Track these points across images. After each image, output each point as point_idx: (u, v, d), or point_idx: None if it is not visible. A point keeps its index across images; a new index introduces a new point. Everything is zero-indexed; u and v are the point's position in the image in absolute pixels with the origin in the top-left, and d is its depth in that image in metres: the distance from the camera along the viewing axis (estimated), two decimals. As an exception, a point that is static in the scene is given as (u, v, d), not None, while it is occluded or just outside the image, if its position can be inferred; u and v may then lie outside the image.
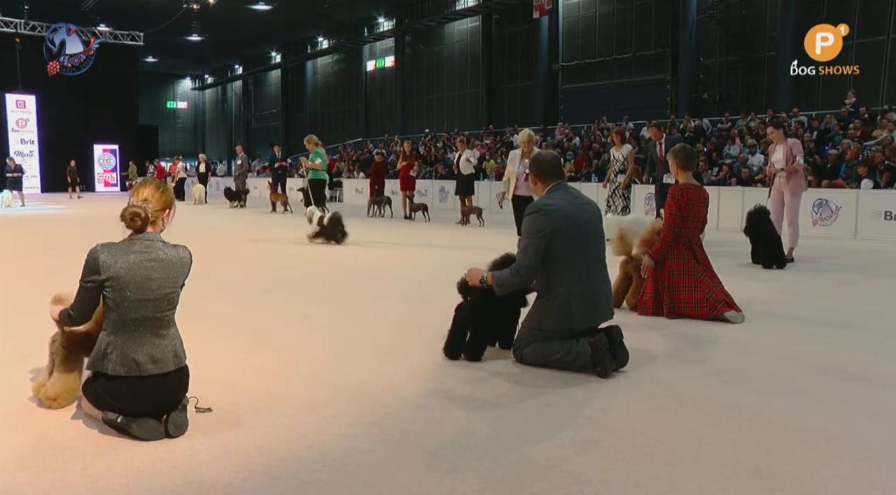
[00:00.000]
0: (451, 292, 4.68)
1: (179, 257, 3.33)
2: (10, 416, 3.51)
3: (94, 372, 3.30)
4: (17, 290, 7.23)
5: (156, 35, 34.06)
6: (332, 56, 42.52)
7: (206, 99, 57.27)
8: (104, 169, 33.47)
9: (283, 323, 5.68)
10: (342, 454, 3.06)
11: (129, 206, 3.25)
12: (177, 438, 3.20)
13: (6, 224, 16.36)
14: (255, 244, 11.54)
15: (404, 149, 17.64)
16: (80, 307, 3.33)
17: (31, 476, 2.87)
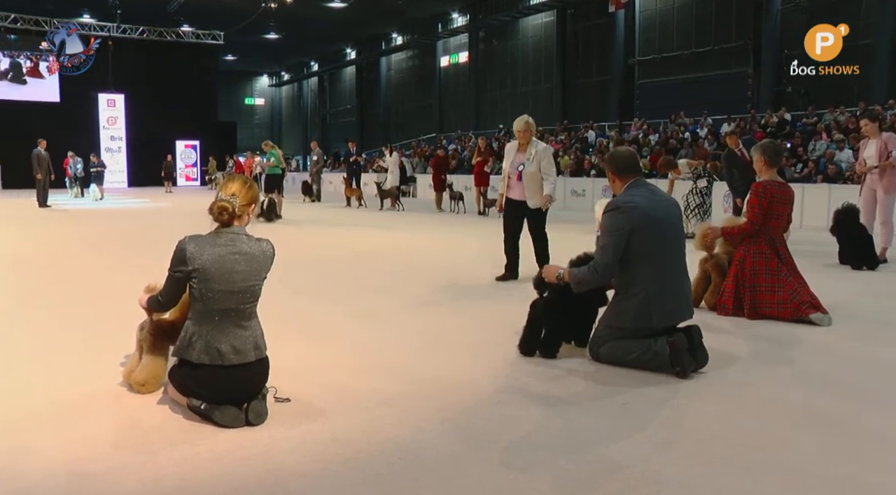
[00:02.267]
0: (526, 289, 4.66)
1: (263, 250, 3.43)
2: (103, 399, 3.68)
3: (179, 360, 3.43)
4: (108, 279, 7.56)
5: (235, 34, 35.01)
6: (405, 52, 42.81)
7: (283, 95, 58.50)
8: (186, 164, 34.63)
9: (357, 316, 5.76)
10: (417, 447, 3.08)
11: (217, 201, 3.36)
12: (256, 426, 3.29)
13: (98, 216, 17.08)
14: (326, 237, 11.73)
15: (479, 145, 17.65)
16: (168, 294, 3.47)
17: (123, 456, 3.00)
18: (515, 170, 7.18)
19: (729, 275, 5.67)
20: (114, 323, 5.16)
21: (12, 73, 31.13)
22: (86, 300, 6.47)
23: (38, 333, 5.18)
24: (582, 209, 17.40)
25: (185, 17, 33.53)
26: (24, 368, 4.26)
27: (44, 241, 11.68)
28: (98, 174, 23.90)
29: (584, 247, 4.80)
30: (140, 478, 2.79)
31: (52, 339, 4.98)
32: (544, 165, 7.08)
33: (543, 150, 7.18)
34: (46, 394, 3.75)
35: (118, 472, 2.84)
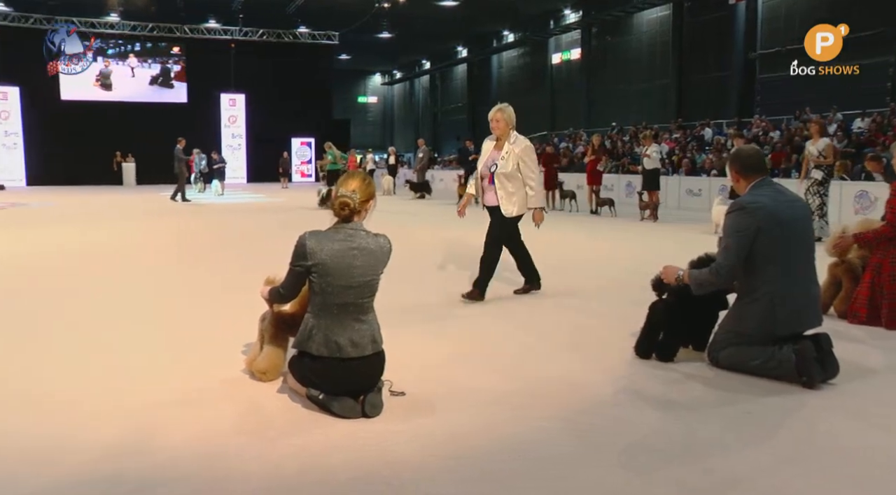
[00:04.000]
0: (640, 290, 4.54)
1: (380, 246, 3.49)
2: (226, 385, 3.86)
3: (299, 351, 3.54)
4: (231, 271, 7.91)
5: (349, 34, 35.91)
6: (517, 50, 42.65)
7: (395, 93, 59.55)
8: (301, 161, 35.82)
9: (472, 311, 5.78)
10: (533, 446, 3.06)
11: (338, 196, 3.45)
12: (372, 418, 3.36)
13: (222, 210, 17.93)
14: (436, 232, 11.82)
15: (592, 142, 17.35)
16: (289, 287, 3.59)
17: (244, 440, 3.13)
18: (488, 170, 6.12)
19: (864, 281, 5.31)
20: (236, 313, 5.39)
21: (162, 77, 33.46)
22: (213, 290, 6.79)
23: (171, 321, 5.48)
24: (698, 209, 16.85)
25: (302, 19, 34.70)
26: (157, 353, 4.52)
27: (180, 233, 12.35)
28: (220, 170, 25.09)
29: (700, 248, 4.63)
30: (261, 462, 2.91)
31: (183, 327, 5.26)
32: (524, 167, 6.02)
33: (523, 149, 6.04)
34: (177, 379, 3.97)
35: (241, 456, 2.97)
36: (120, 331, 5.13)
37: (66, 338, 4.91)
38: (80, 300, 6.32)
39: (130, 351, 4.59)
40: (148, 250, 9.96)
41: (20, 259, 9.02)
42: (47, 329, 5.20)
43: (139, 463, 2.90)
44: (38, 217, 16.02)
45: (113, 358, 4.42)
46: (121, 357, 4.44)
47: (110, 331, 5.14)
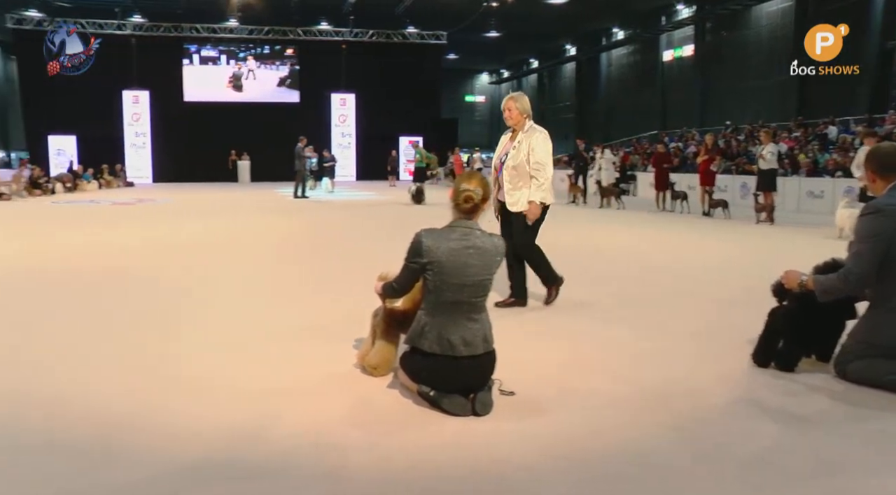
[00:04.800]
0: (761, 296, 4.35)
1: (495, 245, 3.50)
2: (339, 379, 3.95)
3: (411, 347, 3.59)
4: (343, 266, 8.12)
5: (457, 33, 36.17)
6: (626, 47, 41.76)
7: (502, 92, 59.46)
8: (408, 159, 36.27)
9: (582, 313, 5.70)
10: (646, 453, 2.98)
11: (462, 191, 3.48)
12: (482, 417, 3.36)
13: (331, 207, 18.44)
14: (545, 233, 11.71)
15: (706, 142, 16.77)
16: (402, 282, 3.64)
17: (356, 433, 3.20)
18: (500, 162, 5.71)
19: None
20: (348, 307, 5.54)
21: (290, 79, 34.98)
22: (326, 284, 6.99)
23: (284, 313, 5.67)
24: (819, 212, 16.01)
25: (411, 20, 35.24)
26: (272, 345, 4.69)
27: (294, 228, 12.80)
28: (330, 168, 25.82)
29: (820, 253, 4.39)
30: (372, 455, 2.96)
31: (296, 319, 5.43)
32: (532, 156, 5.50)
33: (534, 138, 5.53)
34: (290, 371, 4.10)
35: (353, 447, 3.03)
36: (235, 321, 5.36)
37: (190, 328, 5.17)
38: (202, 291, 6.63)
39: (247, 342, 4.77)
40: (264, 244, 10.37)
41: (149, 251, 9.56)
42: (174, 318, 5.49)
43: (254, 450, 3.01)
44: (162, 212, 16.96)
45: (230, 348, 4.61)
46: (238, 348, 4.62)
47: (227, 320, 5.37)
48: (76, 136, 32.77)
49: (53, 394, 3.69)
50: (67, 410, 3.45)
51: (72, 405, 3.52)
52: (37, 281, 7.23)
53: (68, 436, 3.14)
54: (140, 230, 12.48)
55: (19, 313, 5.73)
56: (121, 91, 32.93)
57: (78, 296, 6.45)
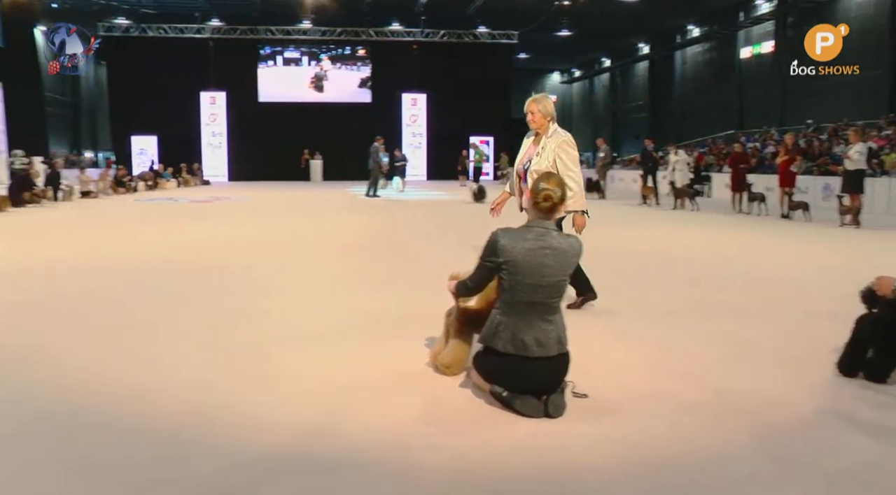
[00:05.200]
0: (845, 303, 4.16)
1: (571, 245, 3.46)
2: (411, 377, 3.97)
3: (485, 347, 3.57)
4: (419, 266, 8.17)
5: (528, 33, 35.98)
6: (702, 45, 40.67)
7: (574, 92, 58.88)
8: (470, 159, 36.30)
9: (655, 316, 5.59)
10: (726, 462, 2.89)
11: (542, 190, 3.44)
12: (555, 419, 3.32)
13: (402, 206, 18.57)
14: (613, 233, 11.54)
15: (785, 141, 16.20)
16: (476, 281, 3.62)
17: (429, 431, 3.21)
18: (523, 168, 5.47)
19: None
20: (420, 305, 5.59)
21: (372, 80, 35.54)
22: (397, 282, 7.04)
23: (355, 310, 5.73)
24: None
25: (482, 19, 35.23)
26: (346, 342, 4.75)
27: (366, 226, 12.96)
28: (401, 168, 26.05)
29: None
30: (445, 454, 2.96)
31: (368, 317, 5.48)
32: (560, 163, 5.24)
33: (560, 143, 5.28)
34: (364, 368, 4.14)
35: (425, 446, 3.04)
36: (310, 317, 5.45)
37: (266, 323, 5.28)
38: (277, 287, 6.77)
39: (321, 337, 4.85)
40: (336, 241, 10.52)
41: (225, 248, 9.82)
42: (250, 313, 5.62)
43: (328, 444, 3.05)
44: (237, 210, 17.41)
45: (305, 343, 4.69)
46: (312, 343, 4.70)
47: (301, 315, 5.47)
48: (157, 137, 34.03)
49: (141, 384, 3.83)
50: (154, 399, 3.58)
51: (157, 395, 3.65)
52: (122, 275, 7.50)
53: (156, 425, 3.26)
54: (216, 227, 12.85)
55: (106, 305, 5.96)
56: (198, 92, 34.05)
57: (158, 290, 6.67)
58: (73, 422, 3.29)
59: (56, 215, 15.70)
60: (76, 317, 5.51)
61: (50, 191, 19.24)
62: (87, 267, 8.06)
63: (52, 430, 3.20)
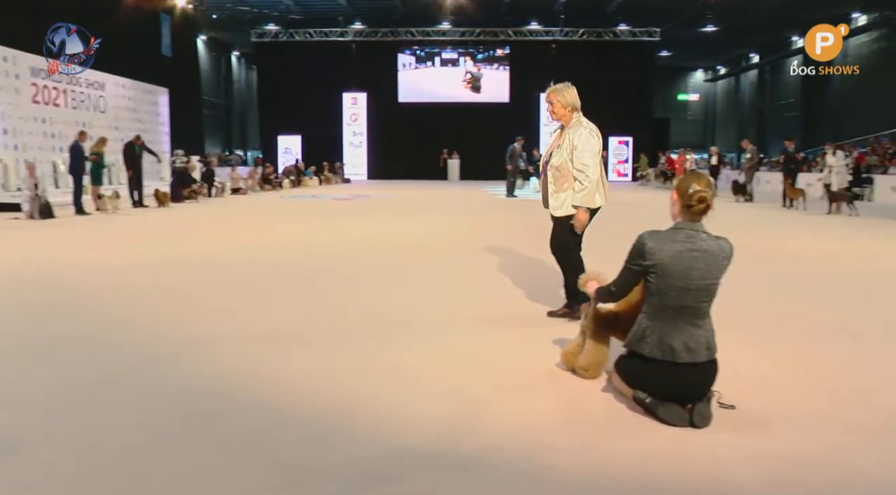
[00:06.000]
0: None
1: (721, 248, 3.29)
2: (545, 377, 3.94)
3: (629, 351, 3.47)
4: (549, 265, 8.08)
5: (670, 29, 34.79)
6: (868, 34, 37.80)
7: (718, 90, 56.33)
8: (617, 160, 35.53)
9: (802, 325, 5.25)
10: (889, 490, 2.65)
11: (695, 192, 3.29)
12: (700, 429, 3.18)
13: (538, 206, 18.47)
14: (761, 239, 10.92)
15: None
16: (621, 285, 3.52)
17: (566, 434, 3.16)
18: (544, 162, 5.24)
19: None
20: (548, 305, 5.51)
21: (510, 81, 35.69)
22: (527, 281, 6.99)
23: (490, 309, 5.75)
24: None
25: (623, 17, 34.41)
26: (479, 340, 4.78)
27: (503, 225, 12.98)
28: (537, 167, 25.93)
29: None
30: (585, 458, 2.90)
31: (499, 315, 5.48)
32: (577, 157, 4.94)
33: (580, 135, 4.98)
34: (499, 365, 4.15)
35: (564, 448, 2.99)
36: (444, 315, 5.51)
37: (404, 320, 5.39)
38: (413, 285, 6.89)
39: (456, 335, 4.89)
40: (471, 239, 10.58)
41: (366, 245, 10.11)
42: (387, 309, 5.76)
43: (467, 442, 3.06)
44: (376, 207, 17.91)
45: (440, 342, 4.75)
46: (447, 342, 4.75)
47: (436, 313, 5.54)
48: (301, 136, 35.65)
49: (284, 372, 4.01)
50: (298, 388, 3.73)
51: (301, 383, 3.81)
52: (265, 269, 7.89)
53: (300, 412, 3.39)
54: (357, 224, 13.26)
55: (252, 296, 6.29)
56: (341, 93, 35.39)
57: (301, 285, 6.96)
58: (222, 405, 3.48)
59: (211, 210, 16.76)
60: (229, 306, 5.86)
61: (205, 188, 20.57)
62: (240, 259, 8.56)
63: (203, 411, 3.40)
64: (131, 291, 6.49)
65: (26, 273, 7.49)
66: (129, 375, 4.01)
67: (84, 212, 14.55)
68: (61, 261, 8.30)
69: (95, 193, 15.29)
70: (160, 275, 7.39)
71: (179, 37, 30.17)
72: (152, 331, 4.98)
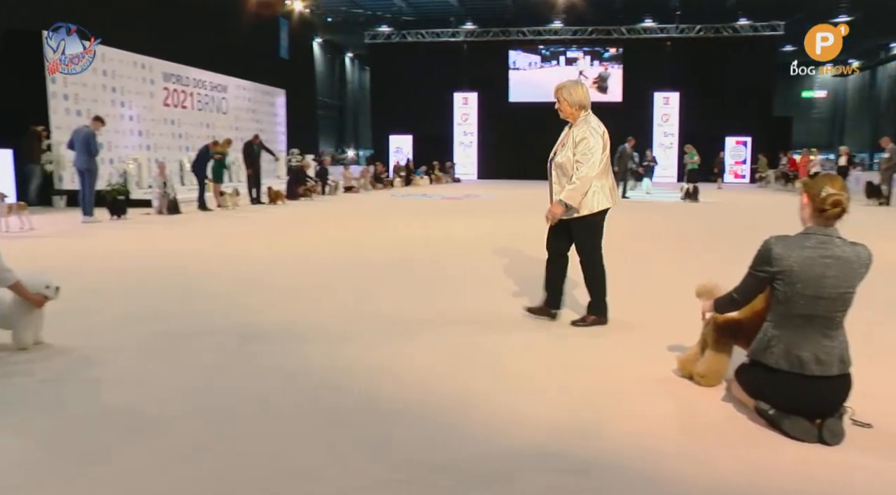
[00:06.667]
0: None
1: (858, 255, 3.08)
2: (660, 383, 3.82)
3: (752, 361, 3.29)
4: (661, 269, 7.84)
5: (796, 23, 32.96)
6: None
7: (849, 86, 53.00)
8: (734, 160, 34.01)
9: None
10: None
11: (830, 195, 3.09)
12: (830, 447, 2.99)
13: (650, 209, 17.97)
14: None
15: None
16: (744, 292, 3.36)
17: (683, 442, 3.05)
18: (549, 161, 5.14)
19: None
20: (661, 308, 5.35)
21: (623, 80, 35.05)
22: (639, 285, 6.79)
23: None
24: None
25: (744, 11, 32.98)
26: (590, 343, 4.68)
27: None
28: (650, 169, 25.26)
29: None
30: (701, 468, 2.79)
31: (616, 322, 5.33)
32: (578, 153, 4.84)
33: (583, 132, 4.86)
34: (611, 368, 4.07)
35: (679, 457, 2.90)
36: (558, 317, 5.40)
37: (519, 320, 5.33)
38: (524, 285, 6.82)
39: (567, 338, 4.82)
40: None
41: (477, 244, 10.13)
42: (500, 310, 5.73)
43: (583, 445, 3.01)
44: (486, 207, 17.94)
45: (551, 343, 4.69)
46: (558, 343, 4.68)
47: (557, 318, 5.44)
48: (412, 136, 36.16)
49: (398, 368, 4.07)
50: (410, 384, 3.78)
51: (413, 380, 3.85)
52: (385, 264, 8.04)
53: (418, 409, 3.43)
54: (467, 223, 13.30)
55: (357, 290, 6.41)
56: (451, 93, 35.64)
57: (422, 280, 7.03)
58: (339, 401, 3.55)
59: (326, 207, 17.24)
60: (346, 302, 6.01)
61: (319, 186, 21.19)
62: (358, 254, 8.78)
63: (319, 407, 3.48)
64: (255, 282, 6.83)
65: (159, 263, 7.94)
66: (254, 360, 4.22)
67: (206, 209, 15.29)
68: (188, 253, 8.82)
69: (217, 191, 16.03)
70: (278, 267, 7.70)
71: (296, 40, 31.28)
72: (273, 319, 5.19)
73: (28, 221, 11.14)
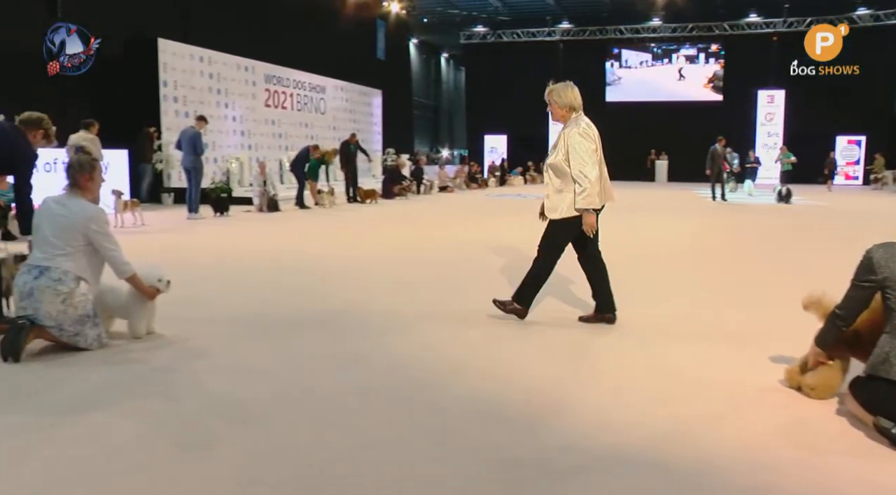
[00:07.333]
0: None
1: None
2: (768, 394, 3.66)
3: (869, 375, 3.10)
4: (764, 274, 7.52)
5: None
6: None
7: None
8: (846, 161, 32.28)
9: None
10: None
11: None
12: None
13: (754, 211, 17.31)
14: None
15: None
16: (847, 307, 3.19)
17: (794, 455, 2.90)
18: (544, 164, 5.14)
19: None
20: (766, 317, 5.14)
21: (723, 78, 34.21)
22: (745, 291, 6.54)
23: (708, 320, 5.46)
24: None
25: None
26: (688, 349, 4.54)
27: (714, 230, 12.35)
28: (752, 170, 24.34)
29: None
30: (814, 486, 2.65)
31: (718, 327, 5.18)
32: (571, 156, 4.78)
33: (573, 136, 4.82)
34: (715, 376, 3.93)
35: (790, 471, 2.76)
36: (653, 322, 5.29)
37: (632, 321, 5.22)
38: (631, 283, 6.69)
39: (665, 342, 4.69)
40: (680, 244, 10.12)
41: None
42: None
43: (682, 453, 2.92)
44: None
45: (648, 347, 4.57)
46: (658, 348, 4.56)
47: (647, 321, 5.32)
48: (506, 135, 36.07)
49: (495, 368, 4.07)
50: (506, 384, 3.76)
51: (508, 380, 3.84)
52: (476, 262, 8.04)
53: (505, 409, 3.40)
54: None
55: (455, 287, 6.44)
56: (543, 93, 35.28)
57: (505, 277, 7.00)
58: (435, 398, 3.57)
59: (421, 206, 17.44)
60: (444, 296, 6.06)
61: (414, 185, 21.42)
62: (449, 256, 8.83)
63: (416, 404, 3.50)
64: (354, 276, 6.99)
65: (261, 258, 8.22)
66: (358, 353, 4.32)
67: (304, 207, 15.70)
68: (288, 249, 9.12)
69: (314, 189, 16.44)
70: (377, 263, 7.84)
71: (393, 40, 31.77)
72: (375, 309, 5.28)
73: (140, 217, 11.71)
